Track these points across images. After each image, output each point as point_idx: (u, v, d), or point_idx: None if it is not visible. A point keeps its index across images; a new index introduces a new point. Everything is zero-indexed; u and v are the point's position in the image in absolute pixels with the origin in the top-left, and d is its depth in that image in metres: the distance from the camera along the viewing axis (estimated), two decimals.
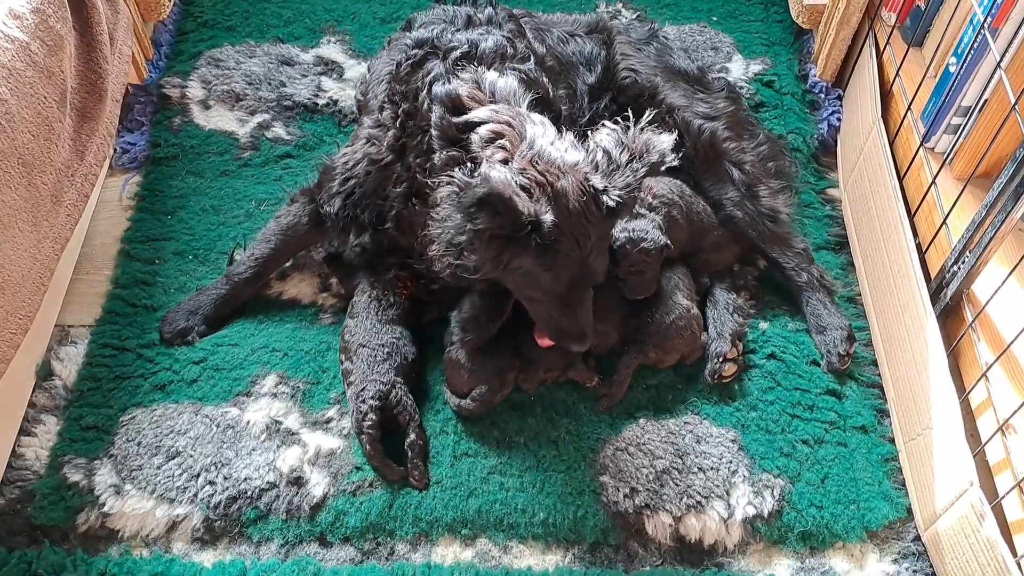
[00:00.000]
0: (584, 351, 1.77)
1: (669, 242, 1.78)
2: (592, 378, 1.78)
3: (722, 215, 1.96)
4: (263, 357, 1.82)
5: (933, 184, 1.78)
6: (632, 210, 1.62)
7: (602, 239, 1.54)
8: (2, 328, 1.51)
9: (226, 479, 1.64)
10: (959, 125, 1.79)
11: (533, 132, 1.47)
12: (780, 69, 2.45)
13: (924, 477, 1.61)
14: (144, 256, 2.01)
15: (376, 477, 1.65)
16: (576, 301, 1.57)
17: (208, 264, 2.00)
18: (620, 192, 1.45)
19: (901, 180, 1.90)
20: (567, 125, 1.63)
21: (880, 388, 1.84)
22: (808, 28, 2.46)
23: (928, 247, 1.78)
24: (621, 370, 1.77)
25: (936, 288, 1.72)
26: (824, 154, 2.29)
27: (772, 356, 1.86)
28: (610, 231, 1.59)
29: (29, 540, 1.58)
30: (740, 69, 2.44)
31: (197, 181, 2.16)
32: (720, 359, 1.79)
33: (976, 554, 1.42)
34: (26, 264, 1.58)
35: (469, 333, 1.71)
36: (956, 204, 1.68)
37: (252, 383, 1.78)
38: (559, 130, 1.53)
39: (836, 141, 2.29)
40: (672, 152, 1.49)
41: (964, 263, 1.62)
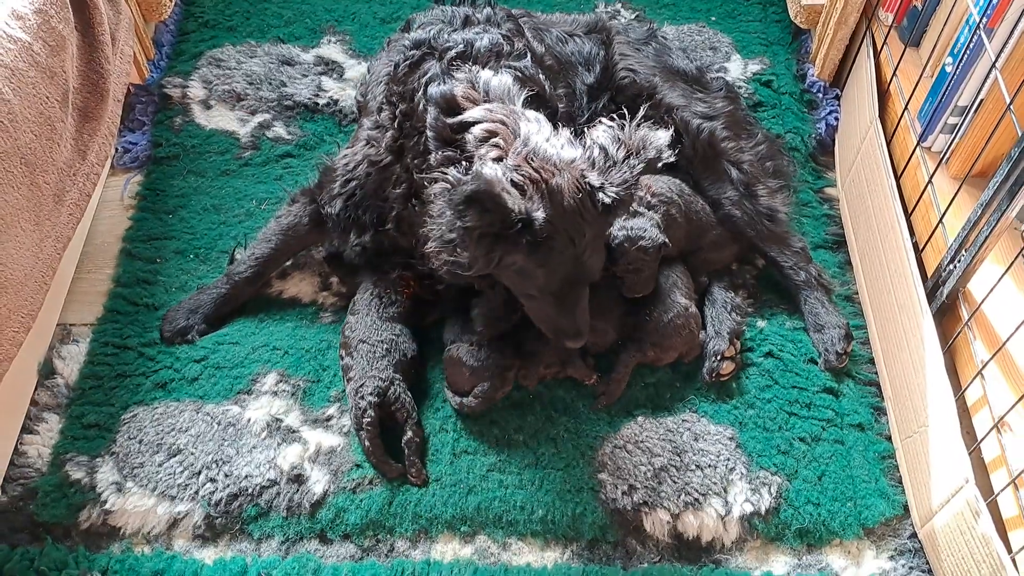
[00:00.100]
0: (583, 349, 1.79)
1: (667, 240, 1.79)
2: (591, 376, 1.78)
3: (720, 214, 1.96)
4: (264, 355, 1.83)
5: (930, 183, 1.79)
6: (629, 208, 1.61)
7: (597, 237, 1.53)
8: (5, 326, 1.52)
9: (227, 476, 1.65)
10: (955, 125, 1.80)
11: (527, 129, 1.47)
12: (778, 69, 2.46)
13: (920, 474, 1.62)
14: (145, 255, 2.02)
15: (376, 474, 1.66)
16: (572, 298, 1.56)
17: (209, 263, 2.01)
18: (616, 189, 1.45)
19: (898, 179, 1.91)
20: (565, 122, 1.63)
21: (877, 386, 1.85)
22: (806, 28, 2.47)
23: (925, 246, 1.79)
24: (619, 368, 1.78)
25: (932, 287, 1.73)
26: (822, 153, 2.30)
27: (770, 354, 1.86)
28: (606, 229, 1.58)
29: (31, 537, 1.59)
30: (738, 69, 2.45)
31: (198, 180, 2.17)
32: (718, 357, 1.80)
33: (972, 551, 1.43)
34: (28, 263, 1.59)
35: (488, 327, 1.72)
36: (952, 203, 1.69)
37: (253, 381, 1.79)
38: (555, 127, 1.53)
39: (834, 140, 2.30)
40: (669, 148, 1.49)
41: (960, 262, 1.62)
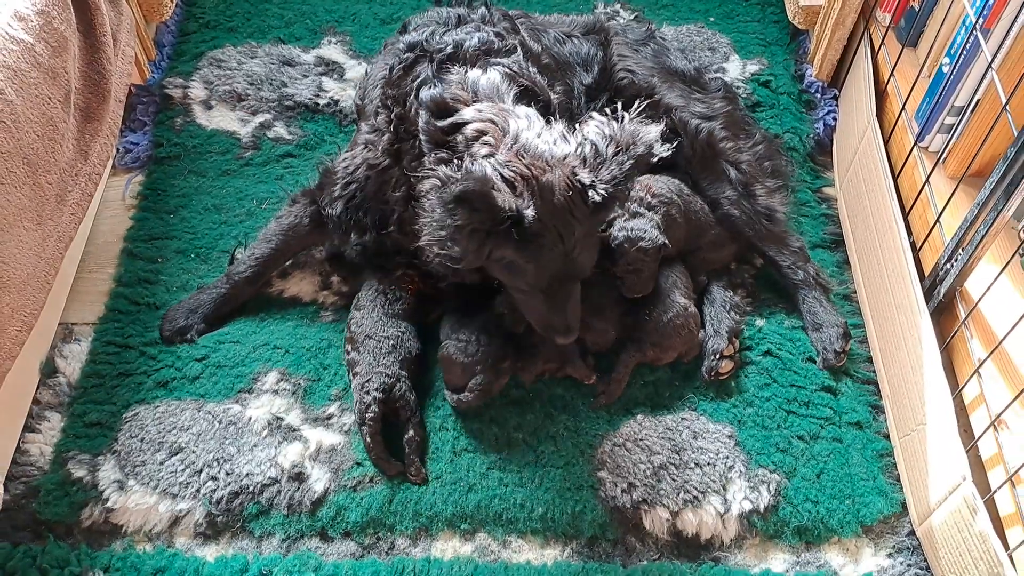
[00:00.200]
0: (583, 349, 1.80)
1: (667, 241, 1.80)
2: (591, 376, 1.79)
3: (719, 214, 1.97)
4: (265, 354, 1.84)
5: (927, 183, 1.80)
6: (622, 205, 1.61)
7: (589, 234, 1.52)
8: (8, 325, 1.53)
9: (228, 475, 1.66)
10: (952, 124, 1.81)
11: (517, 126, 1.48)
12: (777, 69, 2.47)
13: (918, 472, 1.62)
14: (147, 255, 2.02)
15: (376, 472, 1.67)
16: (562, 295, 1.56)
17: (210, 263, 2.02)
18: (606, 185, 1.45)
19: (895, 179, 1.92)
20: (564, 118, 1.63)
21: (875, 384, 1.86)
22: (804, 29, 2.48)
23: (922, 245, 1.80)
24: (619, 368, 1.79)
25: (930, 286, 1.73)
26: (820, 153, 2.31)
27: (768, 353, 1.87)
28: (597, 226, 1.58)
29: (33, 535, 1.60)
30: (737, 69, 2.46)
31: (199, 180, 2.18)
32: (717, 356, 1.81)
33: (969, 548, 1.44)
34: (31, 262, 1.60)
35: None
36: (949, 203, 1.70)
37: (254, 380, 1.80)
38: (548, 121, 1.53)
39: (832, 140, 2.31)
40: (661, 143, 1.48)
41: (957, 261, 1.63)
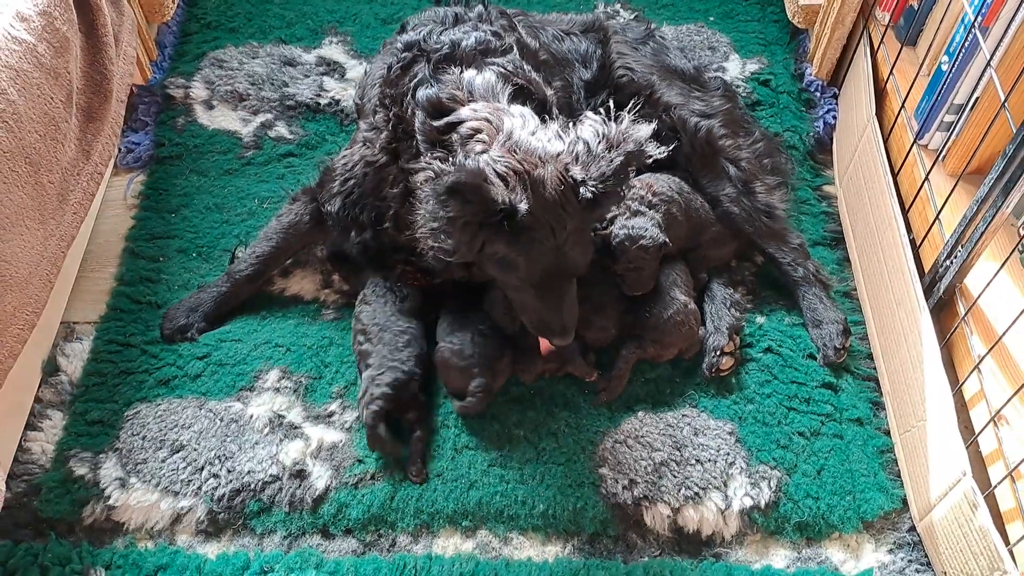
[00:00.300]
0: (584, 346, 1.80)
1: (667, 239, 1.80)
2: (591, 373, 1.79)
3: (719, 211, 1.97)
4: (266, 352, 1.84)
5: (926, 180, 1.80)
6: (618, 203, 1.61)
7: (581, 230, 1.52)
8: (10, 324, 1.53)
9: (229, 472, 1.66)
10: (951, 122, 1.81)
11: (511, 124, 1.49)
12: (776, 68, 2.47)
13: (919, 468, 1.63)
14: (148, 254, 2.03)
15: (378, 469, 1.67)
16: (556, 292, 1.56)
17: (212, 261, 2.02)
18: (596, 183, 1.45)
19: (895, 176, 1.92)
20: (563, 113, 1.63)
21: (875, 381, 1.86)
22: (804, 28, 2.49)
23: (922, 242, 1.80)
24: (620, 364, 1.79)
25: (930, 282, 1.74)
26: (820, 151, 2.31)
27: (769, 350, 1.88)
28: (590, 222, 1.58)
29: (35, 533, 1.60)
30: (737, 68, 2.47)
31: (201, 180, 2.19)
32: (717, 353, 1.81)
33: (969, 543, 1.44)
34: (33, 261, 1.60)
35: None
36: (948, 200, 1.70)
37: (255, 378, 1.81)
38: (545, 118, 1.54)
39: (832, 139, 2.31)
40: (654, 142, 1.48)
41: (956, 258, 1.64)
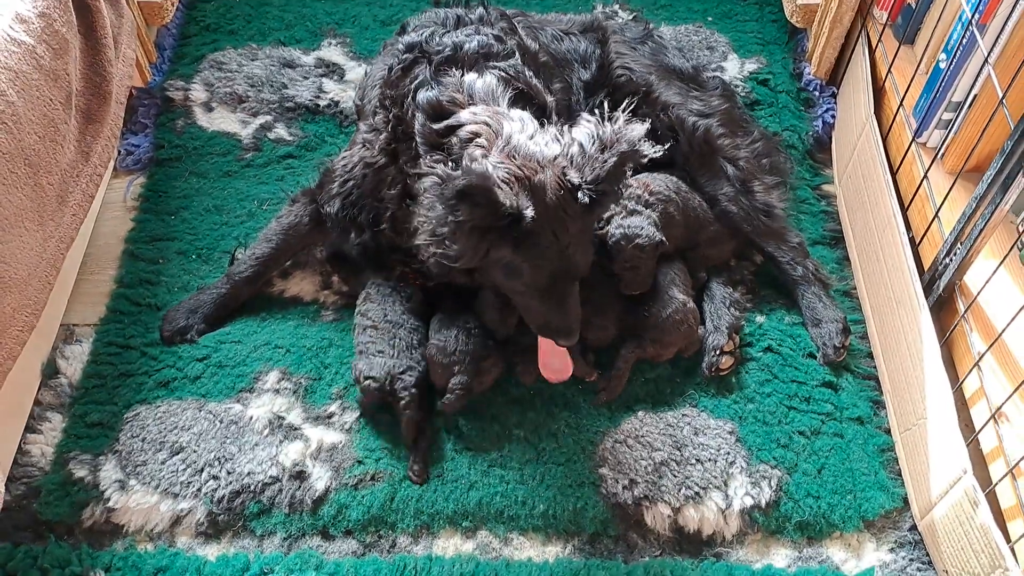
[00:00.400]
0: (583, 346, 1.79)
1: (664, 238, 1.80)
2: (591, 373, 1.79)
3: (717, 210, 1.97)
4: (266, 354, 1.84)
5: (925, 178, 1.80)
6: (617, 202, 1.62)
7: (583, 232, 1.53)
8: (9, 325, 1.53)
9: (229, 474, 1.66)
10: (950, 120, 1.81)
11: (510, 129, 1.49)
12: (775, 68, 2.47)
13: (919, 466, 1.62)
14: (148, 256, 2.03)
15: (377, 470, 1.67)
16: (561, 295, 1.56)
17: (211, 263, 2.02)
18: (591, 185, 1.45)
19: (894, 175, 1.92)
20: (563, 115, 1.63)
21: (876, 380, 1.86)
22: (802, 27, 2.49)
23: (921, 240, 1.80)
24: (620, 364, 1.79)
25: (929, 280, 1.74)
26: (819, 151, 2.31)
27: (769, 349, 1.87)
28: (591, 224, 1.59)
29: (35, 536, 1.60)
30: (735, 68, 2.47)
31: (200, 182, 2.19)
32: (717, 352, 1.81)
33: (971, 541, 1.43)
34: (32, 262, 1.60)
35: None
36: (947, 197, 1.70)
37: (255, 379, 1.80)
38: (544, 122, 1.55)
39: (831, 138, 2.31)
40: (648, 142, 1.48)
41: (956, 255, 1.64)
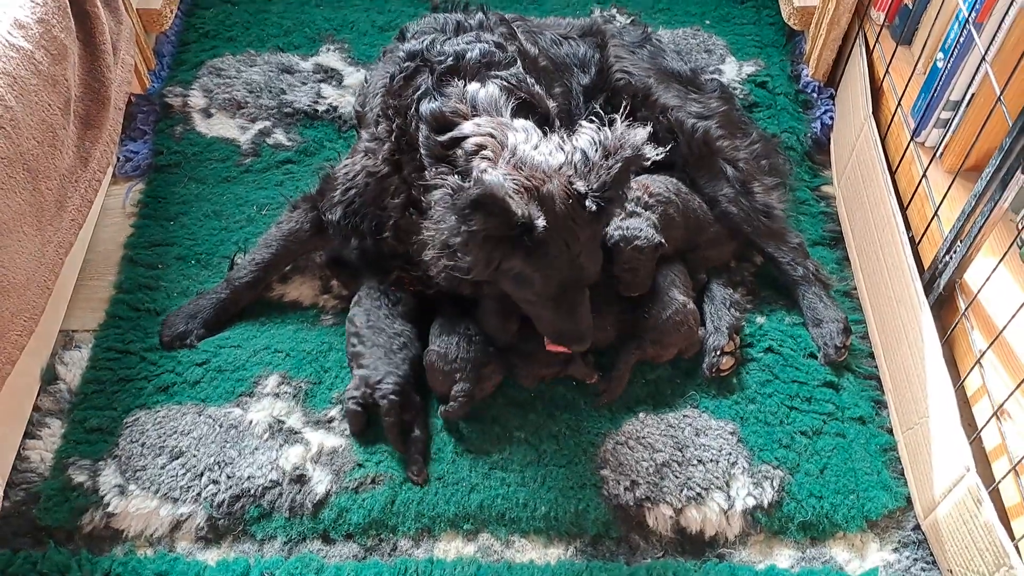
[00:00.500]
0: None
1: (663, 240, 1.80)
2: (592, 375, 1.79)
3: (717, 211, 1.97)
4: (265, 358, 1.84)
5: (924, 177, 1.80)
6: (623, 207, 1.62)
7: (592, 239, 1.54)
8: (8, 330, 1.53)
9: (229, 478, 1.65)
10: (948, 119, 1.82)
11: (515, 139, 1.50)
12: (773, 70, 2.48)
13: (922, 465, 1.62)
14: (147, 261, 2.03)
15: (378, 473, 1.67)
16: (571, 302, 1.57)
17: (211, 268, 2.02)
18: (598, 192, 1.46)
19: (893, 174, 1.92)
20: (563, 121, 1.64)
21: (877, 379, 1.86)
22: (799, 29, 2.50)
23: (921, 239, 1.80)
24: (620, 366, 1.78)
25: (929, 279, 1.74)
26: (818, 152, 2.32)
27: (770, 350, 1.87)
28: (599, 231, 1.60)
29: (34, 541, 1.59)
30: (734, 71, 2.47)
31: (199, 187, 2.19)
32: (718, 353, 1.80)
33: (975, 539, 1.43)
34: (31, 267, 1.60)
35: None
36: (946, 196, 1.70)
37: (255, 384, 1.80)
38: (547, 130, 1.55)
39: (829, 139, 2.31)
40: (651, 145, 1.49)
41: (956, 253, 1.64)
